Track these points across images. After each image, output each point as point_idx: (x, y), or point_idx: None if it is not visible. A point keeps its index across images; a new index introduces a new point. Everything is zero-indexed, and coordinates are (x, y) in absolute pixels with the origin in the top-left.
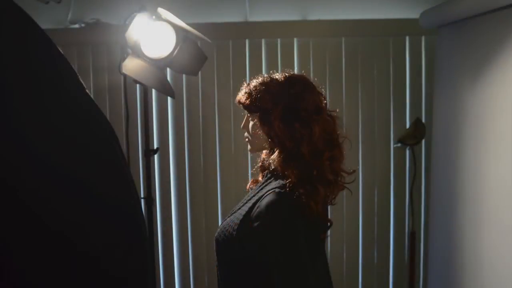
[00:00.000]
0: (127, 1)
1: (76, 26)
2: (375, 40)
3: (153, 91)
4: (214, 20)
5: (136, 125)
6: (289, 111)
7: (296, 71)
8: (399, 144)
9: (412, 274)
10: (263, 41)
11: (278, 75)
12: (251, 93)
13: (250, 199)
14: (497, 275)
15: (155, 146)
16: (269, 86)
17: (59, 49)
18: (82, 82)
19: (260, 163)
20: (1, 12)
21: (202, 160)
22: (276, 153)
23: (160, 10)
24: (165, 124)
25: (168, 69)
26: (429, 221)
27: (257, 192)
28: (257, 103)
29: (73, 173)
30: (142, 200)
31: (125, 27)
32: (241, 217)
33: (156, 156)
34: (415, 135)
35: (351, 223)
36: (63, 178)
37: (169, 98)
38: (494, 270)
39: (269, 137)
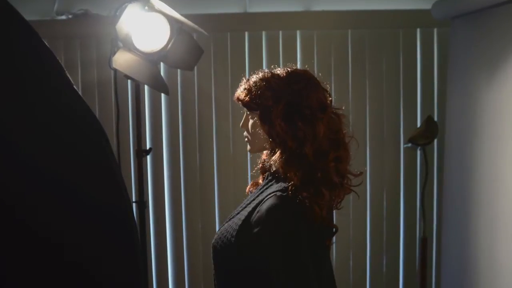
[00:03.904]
0: None
1: (63, 17)
2: (384, 32)
3: (146, 87)
4: (211, 11)
5: (127, 124)
6: (292, 108)
7: (299, 66)
8: (409, 144)
9: (424, 283)
10: (263, 33)
11: (279, 70)
12: (251, 89)
13: (249, 203)
14: None
15: (148, 146)
16: (270, 82)
17: (45, 42)
18: (70, 78)
19: (260, 165)
20: None
21: (198, 161)
22: (277, 154)
23: (153, 0)
24: (159, 123)
25: (161, 64)
26: (441, 227)
27: (257, 196)
28: (257, 100)
29: (59, 176)
30: (134, 204)
31: (116, 18)
32: (240, 222)
33: (148, 157)
34: (427, 134)
35: (358, 228)
36: (48, 181)
37: (162, 94)
38: (511, 278)
39: (270, 136)
